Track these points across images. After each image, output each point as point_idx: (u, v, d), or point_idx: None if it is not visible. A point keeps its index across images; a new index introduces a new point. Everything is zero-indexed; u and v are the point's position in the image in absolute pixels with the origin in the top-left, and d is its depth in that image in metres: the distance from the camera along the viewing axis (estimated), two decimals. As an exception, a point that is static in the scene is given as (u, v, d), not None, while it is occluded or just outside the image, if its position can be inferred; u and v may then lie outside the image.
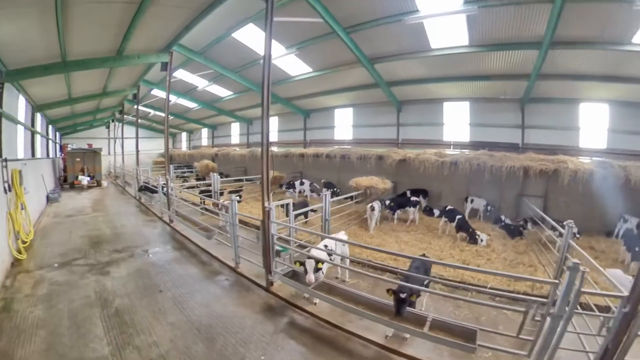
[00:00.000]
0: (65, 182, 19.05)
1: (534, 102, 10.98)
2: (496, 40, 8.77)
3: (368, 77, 12.26)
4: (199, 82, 16.20)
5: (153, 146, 30.35)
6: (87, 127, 25.61)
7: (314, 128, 18.51)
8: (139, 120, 27.37)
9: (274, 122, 21.02)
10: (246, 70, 13.80)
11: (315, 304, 4.99)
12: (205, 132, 28.19)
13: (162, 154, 30.47)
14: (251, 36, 10.82)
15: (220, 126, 25.85)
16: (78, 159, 18.92)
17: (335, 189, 13.18)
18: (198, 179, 19.13)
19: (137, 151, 16.13)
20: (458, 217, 8.24)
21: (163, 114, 24.46)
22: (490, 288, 5.36)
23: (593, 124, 10.48)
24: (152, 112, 23.40)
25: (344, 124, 17.02)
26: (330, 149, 15.17)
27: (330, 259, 5.15)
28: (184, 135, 32.15)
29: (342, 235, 6.07)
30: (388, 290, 3.93)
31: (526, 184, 9.66)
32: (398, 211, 10.04)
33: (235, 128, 24.31)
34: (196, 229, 8.12)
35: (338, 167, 14.35)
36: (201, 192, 12.62)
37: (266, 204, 5.64)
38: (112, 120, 24.07)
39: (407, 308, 3.81)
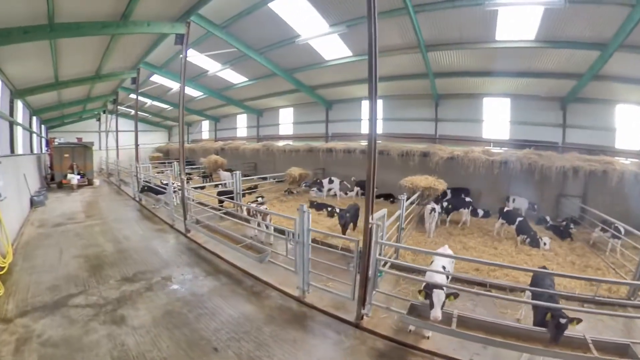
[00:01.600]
0: (52, 181, 16.72)
1: (577, 101, 10.54)
2: (563, 37, 8.22)
3: (412, 66, 11.02)
4: (211, 65, 14.09)
5: (147, 140, 27.92)
6: (76, 119, 23.07)
7: (337, 121, 16.77)
8: (133, 112, 25.13)
9: (288, 114, 19.08)
10: (273, 52, 11.82)
11: (428, 337, 3.99)
12: (206, 124, 25.94)
13: (159, 148, 28.15)
14: (291, 7, 8.91)
15: (224, 118, 23.67)
16: (66, 155, 16.58)
17: None
18: (205, 177, 17.09)
19: (137, 145, 13.96)
20: (519, 219, 7.74)
21: (162, 105, 22.37)
22: (598, 296, 4.46)
23: (630, 125, 10.09)
24: (149, 102, 21.08)
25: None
26: (364, 144, 13.31)
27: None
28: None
29: (447, 250, 5.00)
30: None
31: (566, 183, 9.57)
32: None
33: (242, 120, 22.18)
34: (237, 247, 6.18)
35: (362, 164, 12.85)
36: (220, 193, 10.65)
37: (371, 219, 3.92)
38: (104, 112, 21.61)
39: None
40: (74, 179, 15.90)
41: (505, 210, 8.34)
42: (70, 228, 9.03)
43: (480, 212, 9.60)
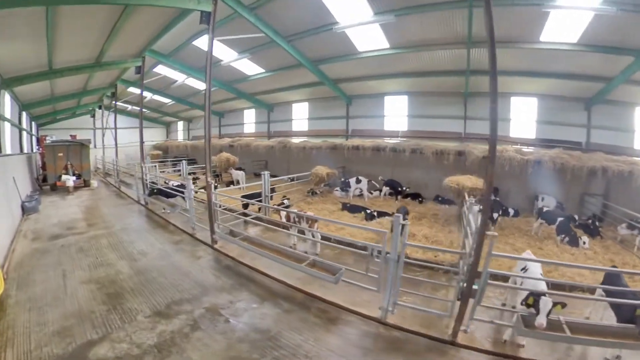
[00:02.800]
0: (45, 182, 15.07)
1: (602, 103, 10.53)
2: (603, 42, 8.17)
3: (451, 62, 10.58)
4: (225, 54, 12.65)
5: (145, 137, 26.20)
6: (68, 115, 21.32)
7: (358, 117, 15.68)
8: (130, 108, 23.43)
9: (302, 109, 17.76)
10: (302, 40, 10.59)
11: (523, 345, 3.75)
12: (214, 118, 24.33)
13: (157, 145, 26.51)
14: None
15: (229, 113, 22.18)
16: (60, 154, 14.94)
17: (402, 188, 11.66)
18: (215, 176, 15.70)
19: (142, 142, 12.47)
20: (560, 219, 7.53)
21: (162, 99, 20.77)
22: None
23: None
24: (149, 95, 19.47)
25: (396, 114, 14.63)
26: (393, 142, 12.98)
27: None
28: (180, 124, 28.12)
29: (530, 255, 4.63)
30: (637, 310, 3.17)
31: (590, 182, 9.62)
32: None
33: (250, 115, 20.77)
34: (301, 266, 4.87)
35: (393, 162, 12.62)
36: (244, 196, 9.28)
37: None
38: (100, 107, 19.92)
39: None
40: (69, 180, 14.30)
41: (545, 210, 8.24)
42: (72, 241, 7.59)
43: (511, 212, 9.28)
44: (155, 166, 14.06)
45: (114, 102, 17.69)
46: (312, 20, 9.42)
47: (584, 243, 7.03)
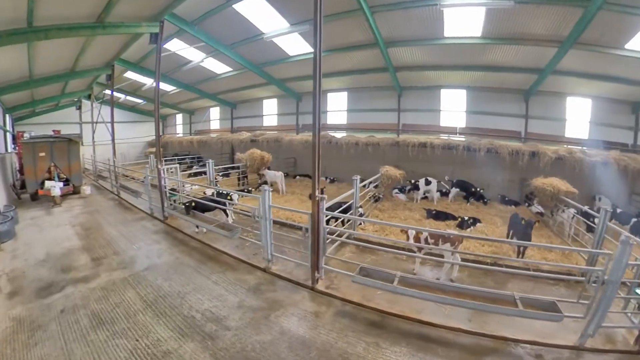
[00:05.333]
0: (23, 190, 11.77)
1: None
2: None
3: (518, 59, 9.89)
4: (262, 24, 9.80)
5: (138, 133, 22.85)
6: (51, 106, 17.86)
7: (409, 110, 13.57)
8: (124, 98, 19.96)
9: (340, 99, 15.01)
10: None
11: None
12: (216, 111, 21.13)
13: (153, 142, 23.04)
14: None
15: (242, 103, 19.03)
16: (42, 154, 11.63)
17: (475, 189, 10.44)
18: (244, 177, 12.91)
19: (159, 136, 9.40)
20: (634, 220, 7.33)
21: (166, 87, 17.47)
22: None
23: None
24: (148, 83, 16.17)
25: (453, 108, 13.16)
26: (462, 140, 11.74)
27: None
28: (179, 117, 24.71)
29: None
30: None
31: (634, 182, 9.54)
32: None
33: (271, 106, 17.74)
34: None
35: (453, 160, 11.67)
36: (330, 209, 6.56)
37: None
38: (89, 97, 16.45)
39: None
40: (55, 188, 11.03)
41: (618, 211, 8.03)
42: (76, 298, 4.69)
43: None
44: (176, 168, 10.87)
45: (104, 92, 14.68)
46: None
47: None
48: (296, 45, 11.25)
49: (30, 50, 8.35)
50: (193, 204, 7.46)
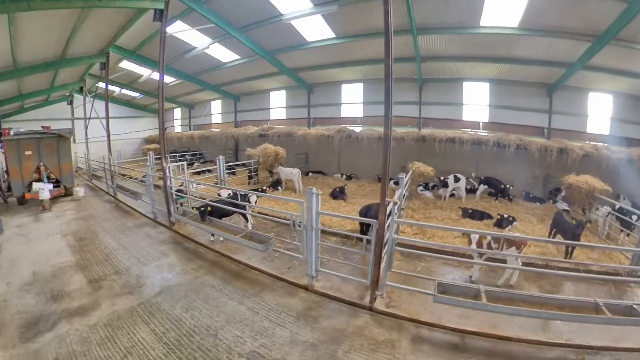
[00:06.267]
0: (9, 192, 10.51)
1: None
2: None
3: (558, 53, 9.19)
4: (282, 3, 8.59)
5: (134, 129, 21.44)
6: (40, 101, 16.49)
7: (429, 103, 12.77)
8: (119, 92, 18.54)
9: (355, 90, 13.94)
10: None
11: None
12: (217, 105, 19.85)
13: (151, 138, 21.83)
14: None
15: (247, 96, 17.80)
16: (29, 152, 10.36)
17: (505, 186, 9.99)
18: (254, 174, 11.79)
19: (163, 129, 8.28)
20: None
21: (165, 79, 16.16)
22: None
23: None
24: (146, 74, 14.85)
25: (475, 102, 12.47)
26: (491, 135, 10.83)
27: None
28: (177, 111, 23.37)
29: None
30: None
31: None
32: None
33: (279, 98, 16.52)
34: None
35: (477, 156, 11.12)
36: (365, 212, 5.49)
37: None
38: (81, 90, 15.09)
39: None
40: (44, 190, 9.79)
41: None
42: (73, 342, 3.60)
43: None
44: (183, 166, 9.62)
45: (97, 85, 13.35)
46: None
47: None
48: (316, 29, 10.11)
49: (11, 29, 7.09)
50: (208, 208, 6.30)
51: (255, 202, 7.58)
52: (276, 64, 12.41)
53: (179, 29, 10.36)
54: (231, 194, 7.35)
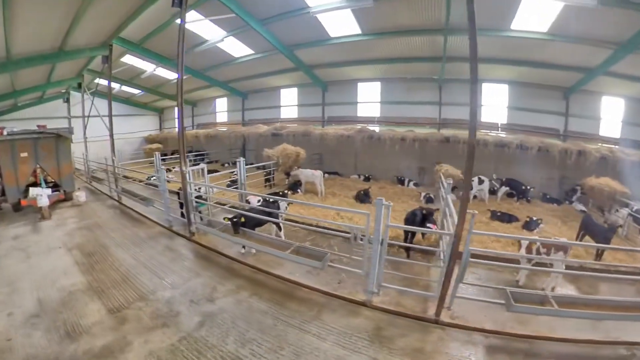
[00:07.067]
0: (3, 198, 9.48)
1: None
2: None
3: (580, 59, 9.34)
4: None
5: (133, 128, 20.41)
6: (35, 97, 15.35)
7: (448, 103, 12.54)
8: (119, 88, 17.49)
9: (372, 89, 13.30)
10: None
11: None
12: (223, 102, 18.93)
13: (151, 137, 20.83)
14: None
15: (255, 93, 16.96)
16: (24, 154, 9.37)
17: (527, 188, 10.15)
18: (270, 176, 10.99)
19: (182, 128, 7.38)
20: None
21: (169, 75, 15.23)
22: None
23: None
24: (150, 69, 13.90)
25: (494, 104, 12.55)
26: (514, 137, 10.86)
27: None
28: (178, 109, 22.28)
29: None
30: None
31: None
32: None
33: (290, 95, 15.71)
34: None
35: (496, 158, 11.06)
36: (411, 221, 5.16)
37: None
38: (79, 86, 14.05)
39: None
40: (42, 197, 8.81)
41: None
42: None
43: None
44: (202, 170, 8.59)
45: (96, 82, 12.41)
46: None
47: None
48: (342, 24, 9.45)
49: (6, 13, 6.15)
50: (242, 219, 5.48)
51: (286, 208, 6.91)
52: (294, 60, 11.61)
53: (191, 19, 9.48)
54: (260, 200, 6.60)
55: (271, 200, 6.54)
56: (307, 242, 6.18)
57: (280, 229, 6.29)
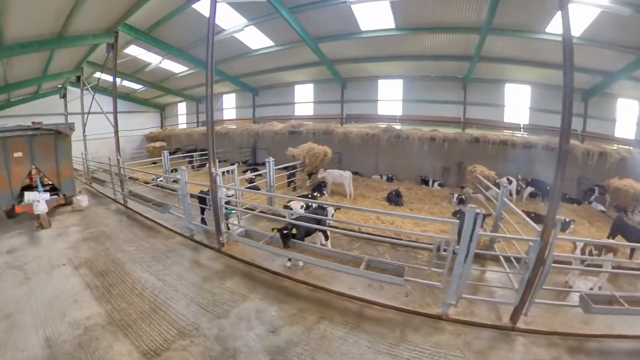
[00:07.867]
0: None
1: None
2: None
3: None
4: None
5: (133, 125, 19.21)
6: (30, 92, 14.16)
7: (472, 103, 12.09)
8: (120, 82, 16.27)
9: (394, 86, 12.57)
10: None
11: None
12: (231, 98, 17.87)
13: (153, 135, 19.69)
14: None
15: (266, 89, 15.95)
16: (18, 154, 8.23)
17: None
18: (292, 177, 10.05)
19: (212, 123, 6.42)
20: None
21: (175, 68, 14.14)
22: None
23: None
24: (155, 61, 12.84)
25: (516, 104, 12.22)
26: (540, 138, 10.45)
27: None
28: (182, 106, 21.19)
29: None
30: None
31: None
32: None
33: (305, 92, 14.78)
34: None
35: (519, 158, 10.66)
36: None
37: None
38: (78, 79, 12.88)
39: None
40: (40, 203, 7.66)
41: None
42: None
43: None
44: (233, 172, 7.32)
45: (97, 76, 11.29)
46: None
47: None
48: (377, 17, 8.62)
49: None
50: (293, 230, 4.52)
51: (333, 215, 6.02)
52: (319, 53, 10.70)
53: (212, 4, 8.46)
54: (304, 206, 5.66)
55: (317, 206, 5.61)
56: (355, 250, 5.41)
57: (327, 237, 5.40)
